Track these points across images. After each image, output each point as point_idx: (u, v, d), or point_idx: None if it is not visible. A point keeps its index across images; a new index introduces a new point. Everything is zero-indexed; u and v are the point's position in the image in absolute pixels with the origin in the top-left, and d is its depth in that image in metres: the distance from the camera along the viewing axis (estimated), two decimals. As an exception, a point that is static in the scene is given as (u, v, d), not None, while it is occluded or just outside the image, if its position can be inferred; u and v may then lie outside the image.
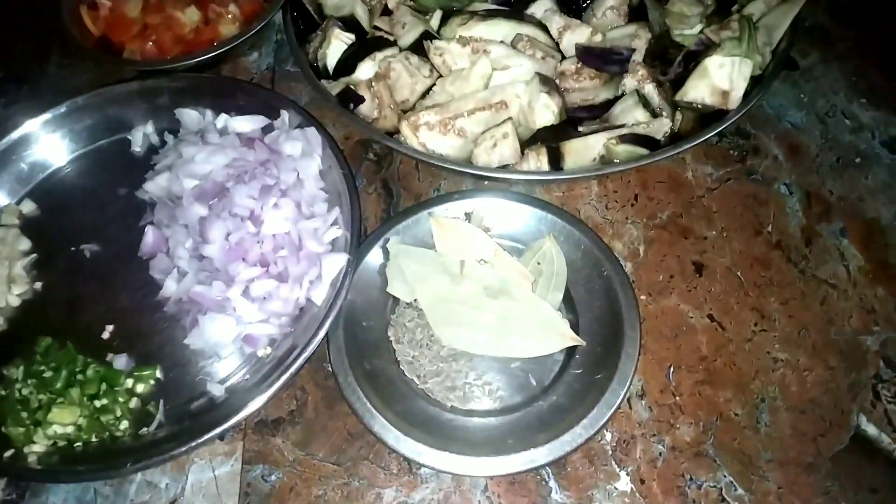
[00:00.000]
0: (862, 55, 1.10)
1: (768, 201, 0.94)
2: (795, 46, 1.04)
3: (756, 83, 0.98)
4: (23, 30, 1.19)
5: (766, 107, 1.03)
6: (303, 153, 0.96)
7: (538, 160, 0.93)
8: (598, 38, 1.03)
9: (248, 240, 0.86)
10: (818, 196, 0.94)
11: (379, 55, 1.03)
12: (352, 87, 1.01)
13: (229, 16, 1.14)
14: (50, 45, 1.17)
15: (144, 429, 0.78)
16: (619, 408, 0.74)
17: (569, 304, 0.85)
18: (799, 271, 0.88)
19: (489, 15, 1.03)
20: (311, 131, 0.97)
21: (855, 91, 1.05)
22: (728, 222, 0.92)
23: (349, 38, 1.05)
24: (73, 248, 0.94)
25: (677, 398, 0.80)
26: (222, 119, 1.01)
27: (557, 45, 1.05)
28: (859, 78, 1.07)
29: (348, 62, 1.03)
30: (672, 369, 0.82)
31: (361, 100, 1.00)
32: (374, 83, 1.01)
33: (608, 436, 0.77)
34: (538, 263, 0.87)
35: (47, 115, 1.02)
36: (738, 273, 0.88)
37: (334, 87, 1.03)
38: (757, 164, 0.98)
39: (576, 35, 1.03)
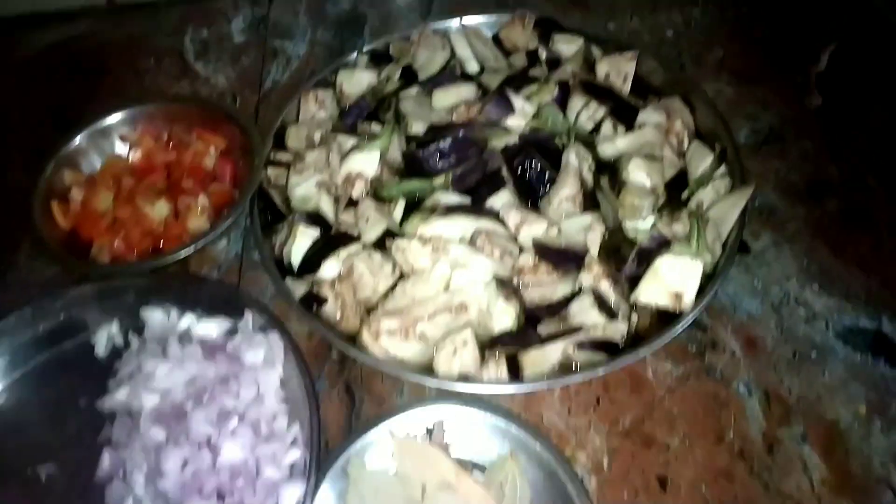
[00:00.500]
0: (813, 234, 1.13)
1: (728, 403, 0.94)
2: (747, 228, 1.07)
3: (710, 277, 1.01)
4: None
5: (722, 295, 1.05)
6: (265, 361, 0.96)
7: (498, 369, 0.94)
8: (553, 231, 1.06)
9: (204, 471, 0.84)
10: (777, 396, 0.95)
11: (343, 252, 1.05)
12: (315, 287, 1.03)
13: (199, 208, 1.16)
14: (20, 237, 1.19)
15: None
16: None
17: (532, 531, 0.84)
18: (763, 485, 0.87)
19: (449, 211, 1.07)
20: (274, 337, 0.98)
21: (807, 276, 1.08)
22: (690, 427, 0.92)
23: (314, 233, 1.08)
24: (28, 470, 0.91)
25: None
26: (186, 321, 1.03)
27: (515, 237, 1.07)
28: (811, 261, 1.09)
29: (313, 260, 1.06)
30: None
31: (324, 301, 1.02)
32: (337, 283, 1.03)
33: None
34: (501, 486, 0.86)
35: (10, 319, 1.02)
36: (703, 488, 0.87)
37: (298, 287, 1.04)
38: (715, 361, 0.99)
39: (533, 229, 1.06)
